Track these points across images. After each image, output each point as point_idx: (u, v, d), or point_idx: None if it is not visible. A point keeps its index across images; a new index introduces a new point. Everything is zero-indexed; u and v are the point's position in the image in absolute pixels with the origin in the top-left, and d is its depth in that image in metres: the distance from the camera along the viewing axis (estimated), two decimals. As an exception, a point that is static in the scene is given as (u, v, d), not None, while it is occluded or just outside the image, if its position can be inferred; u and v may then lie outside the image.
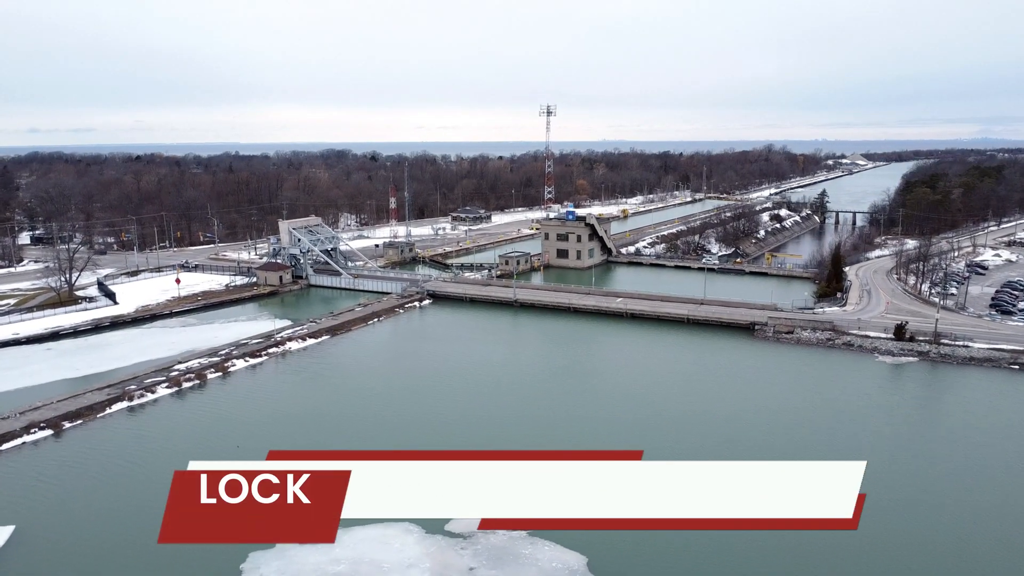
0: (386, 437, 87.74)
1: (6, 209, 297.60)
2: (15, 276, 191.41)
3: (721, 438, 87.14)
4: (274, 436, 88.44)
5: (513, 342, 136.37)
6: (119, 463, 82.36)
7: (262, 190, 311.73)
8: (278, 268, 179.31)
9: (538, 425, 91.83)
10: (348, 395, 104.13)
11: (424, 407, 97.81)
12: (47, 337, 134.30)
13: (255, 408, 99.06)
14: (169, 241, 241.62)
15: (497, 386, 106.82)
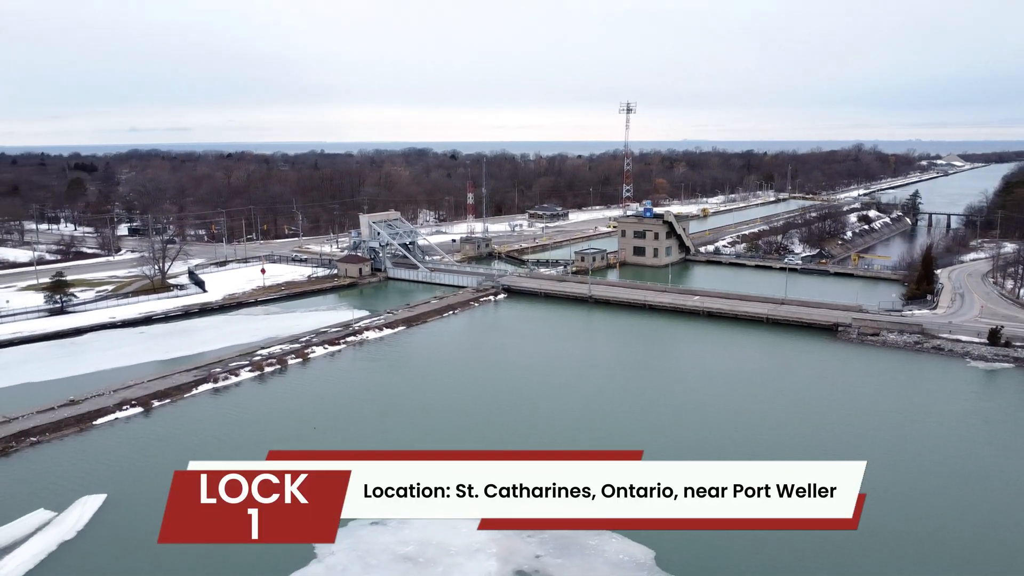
0: (455, 426, 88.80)
1: (107, 202, 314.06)
2: (113, 264, 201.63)
3: (804, 440, 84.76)
4: (349, 421, 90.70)
5: (586, 337, 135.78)
6: (203, 439, 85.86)
7: (344, 186, 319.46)
8: (358, 260, 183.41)
9: (608, 421, 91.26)
10: (420, 384, 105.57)
11: (494, 398, 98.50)
12: (140, 321, 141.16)
13: (332, 393, 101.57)
14: (256, 233, 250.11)
15: (569, 380, 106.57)
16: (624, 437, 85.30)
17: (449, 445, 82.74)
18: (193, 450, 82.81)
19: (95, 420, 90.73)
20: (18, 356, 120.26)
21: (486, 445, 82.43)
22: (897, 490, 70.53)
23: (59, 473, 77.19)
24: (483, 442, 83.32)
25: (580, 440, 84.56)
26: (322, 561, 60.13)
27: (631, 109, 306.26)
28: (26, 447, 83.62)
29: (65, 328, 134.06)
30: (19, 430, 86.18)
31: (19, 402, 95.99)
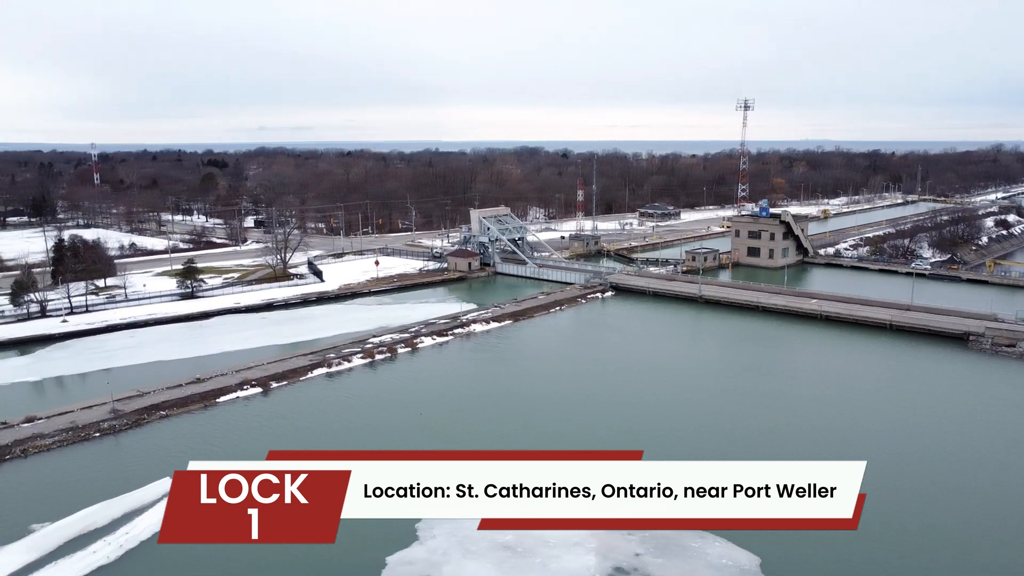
0: (555, 418, 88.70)
1: (235, 196, 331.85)
2: (240, 254, 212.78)
3: (943, 457, 79.92)
4: (453, 410, 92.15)
5: (694, 337, 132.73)
6: (317, 420, 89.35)
7: (457, 183, 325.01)
8: (467, 255, 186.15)
9: (716, 425, 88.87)
10: (524, 376, 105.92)
11: (597, 395, 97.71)
12: (262, 307, 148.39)
13: (439, 382, 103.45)
14: (371, 227, 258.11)
15: (675, 379, 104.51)
16: (735, 443, 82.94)
17: (546, 437, 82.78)
18: (306, 431, 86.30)
19: (218, 398, 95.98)
20: (152, 336, 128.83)
21: (586, 440, 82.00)
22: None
23: (185, 445, 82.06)
24: (582, 437, 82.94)
25: (684, 443, 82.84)
26: (423, 544, 61.32)
27: (748, 106, 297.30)
28: (156, 419, 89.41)
29: (194, 312, 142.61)
30: (151, 404, 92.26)
31: (151, 378, 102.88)
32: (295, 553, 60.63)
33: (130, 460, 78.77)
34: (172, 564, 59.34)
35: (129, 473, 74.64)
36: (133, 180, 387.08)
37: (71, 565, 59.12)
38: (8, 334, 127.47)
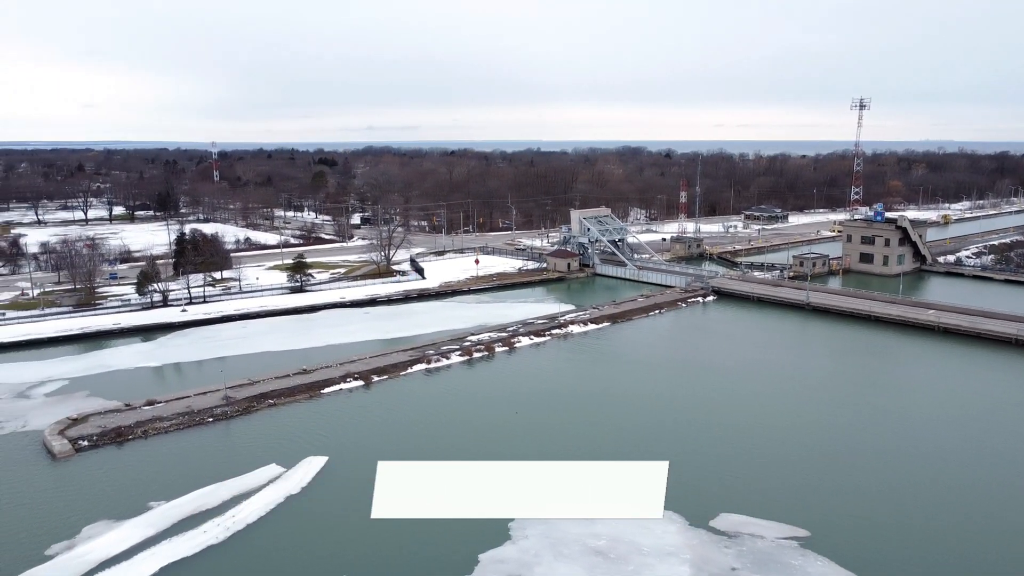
0: (647, 426, 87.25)
1: (343, 193, 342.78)
2: (346, 250, 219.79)
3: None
4: (547, 410, 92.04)
5: (799, 347, 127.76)
6: (416, 415, 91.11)
7: (558, 183, 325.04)
8: (567, 255, 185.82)
9: (818, 443, 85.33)
10: (621, 379, 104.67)
11: (692, 400, 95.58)
12: (366, 303, 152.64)
13: (535, 382, 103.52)
14: (472, 226, 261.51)
15: (775, 389, 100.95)
16: (840, 463, 79.47)
17: (640, 442, 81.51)
18: (405, 426, 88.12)
19: (323, 389, 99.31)
20: (263, 327, 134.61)
21: (676, 446, 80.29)
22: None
23: (290, 433, 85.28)
24: (675, 444, 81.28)
25: (788, 457, 79.90)
26: (516, 543, 61.52)
27: (864, 105, 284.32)
28: (265, 407, 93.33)
29: (302, 305, 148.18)
30: (260, 392, 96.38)
31: (261, 368, 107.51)
32: (392, 545, 62.01)
33: (239, 446, 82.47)
34: (276, 548, 61.73)
35: (238, 458, 78.22)
36: (249, 177, 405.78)
37: (184, 543, 62.38)
38: (133, 321, 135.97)
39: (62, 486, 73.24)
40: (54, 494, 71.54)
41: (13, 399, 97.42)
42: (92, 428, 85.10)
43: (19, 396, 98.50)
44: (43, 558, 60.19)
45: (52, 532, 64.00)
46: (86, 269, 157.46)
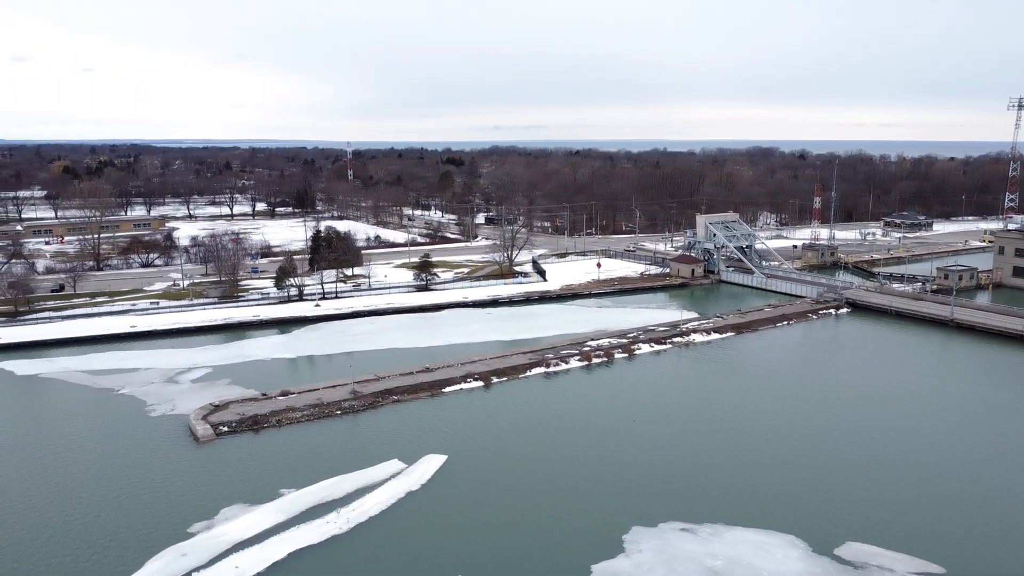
0: (769, 446, 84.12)
1: (469, 193, 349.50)
2: (470, 249, 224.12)
3: None
4: (664, 421, 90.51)
5: (942, 367, 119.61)
6: (533, 417, 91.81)
7: (683, 185, 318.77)
8: (691, 261, 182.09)
9: (961, 477, 79.64)
10: (743, 393, 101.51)
11: (818, 420, 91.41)
12: (488, 303, 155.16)
13: (654, 391, 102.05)
14: (595, 228, 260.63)
15: (909, 412, 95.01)
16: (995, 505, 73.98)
17: (761, 464, 78.64)
18: (522, 428, 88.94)
19: (444, 388, 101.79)
20: (390, 324, 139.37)
21: (798, 466, 76.90)
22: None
23: (412, 430, 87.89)
24: (793, 462, 77.97)
25: (931, 493, 75.09)
26: (629, 557, 60.90)
27: (1023, 104, 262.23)
28: (389, 403, 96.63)
29: (427, 304, 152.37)
30: (385, 388, 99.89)
31: (387, 364, 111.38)
32: (506, 548, 62.77)
33: (365, 439, 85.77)
34: (395, 542, 63.76)
35: (362, 452, 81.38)
36: (380, 176, 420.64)
37: (310, 531, 65.54)
38: (271, 314, 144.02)
39: (203, 468, 78.54)
40: (196, 476, 76.83)
41: (164, 383, 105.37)
42: (231, 415, 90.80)
43: (169, 381, 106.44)
44: (185, 535, 64.77)
45: (194, 511, 68.75)
46: (231, 263, 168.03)
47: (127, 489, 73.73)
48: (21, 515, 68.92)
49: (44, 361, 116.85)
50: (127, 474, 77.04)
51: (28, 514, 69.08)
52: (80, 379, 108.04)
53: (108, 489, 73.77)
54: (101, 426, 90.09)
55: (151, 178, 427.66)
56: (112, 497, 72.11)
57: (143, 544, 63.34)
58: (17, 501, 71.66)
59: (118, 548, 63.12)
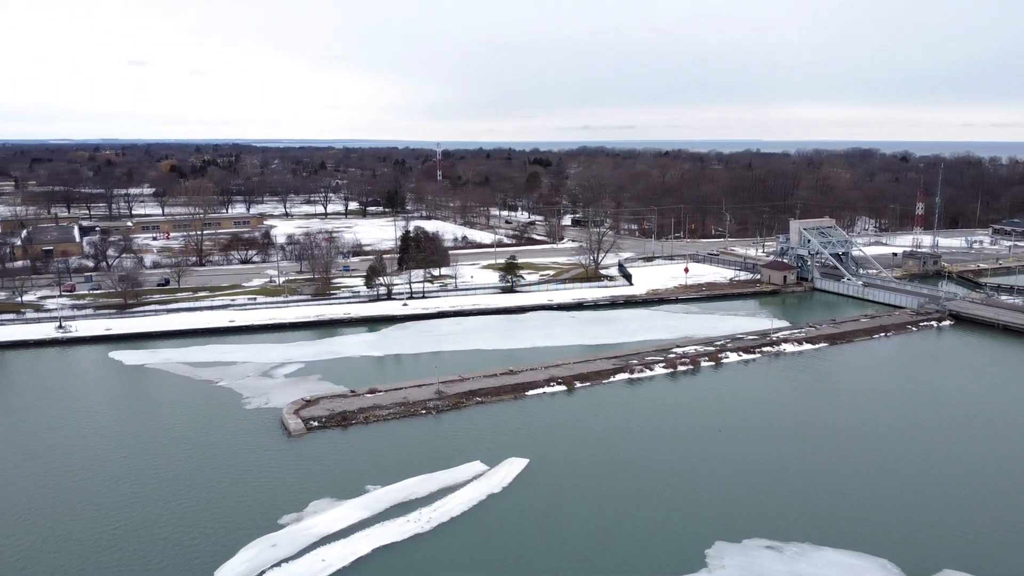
0: (863, 466, 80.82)
1: (556, 194, 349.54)
2: (556, 251, 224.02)
3: None
4: (752, 430, 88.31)
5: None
6: (615, 423, 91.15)
7: (777, 188, 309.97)
8: (783, 267, 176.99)
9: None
10: (831, 406, 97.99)
11: (914, 439, 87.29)
12: (573, 306, 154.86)
13: (740, 401, 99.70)
14: (683, 232, 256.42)
15: (1022, 434, 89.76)
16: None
17: (852, 477, 75.63)
18: (605, 435, 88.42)
19: (527, 391, 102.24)
20: (475, 325, 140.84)
21: (893, 485, 73.62)
22: None
23: (494, 432, 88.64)
24: (887, 481, 74.64)
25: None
26: (712, 573, 59.70)
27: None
28: (472, 405, 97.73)
29: (512, 305, 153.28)
30: (469, 389, 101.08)
31: (472, 365, 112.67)
32: (585, 556, 62.53)
33: (448, 440, 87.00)
34: (476, 544, 64.48)
35: (445, 452, 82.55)
36: (469, 176, 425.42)
37: (393, 528, 66.97)
38: (361, 312, 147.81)
39: (294, 462, 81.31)
40: (287, 468, 79.62)
41: (259, 377, 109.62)
42: (322, 410, 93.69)
43: (264, 375, 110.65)
44: (276, 526, 67.24)
45: (284, 503, 71.29)
46: (324, 261, 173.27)
47: (224, 478, 77.10)
48: (127, 498, 73.00)
49: (149, 352, 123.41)
50: (224, 464, 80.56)
51: (133, 497, 73.11)
52: (182, 371, 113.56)
53: (207, 477, 77.34)
54: (200, 417, 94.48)
55: (251, 177, 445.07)
56: (210, 485, 75.54)
57: (237, 532, 66.12)
58: (124, 484, 75.92)
59: (214, 534, 66.11)
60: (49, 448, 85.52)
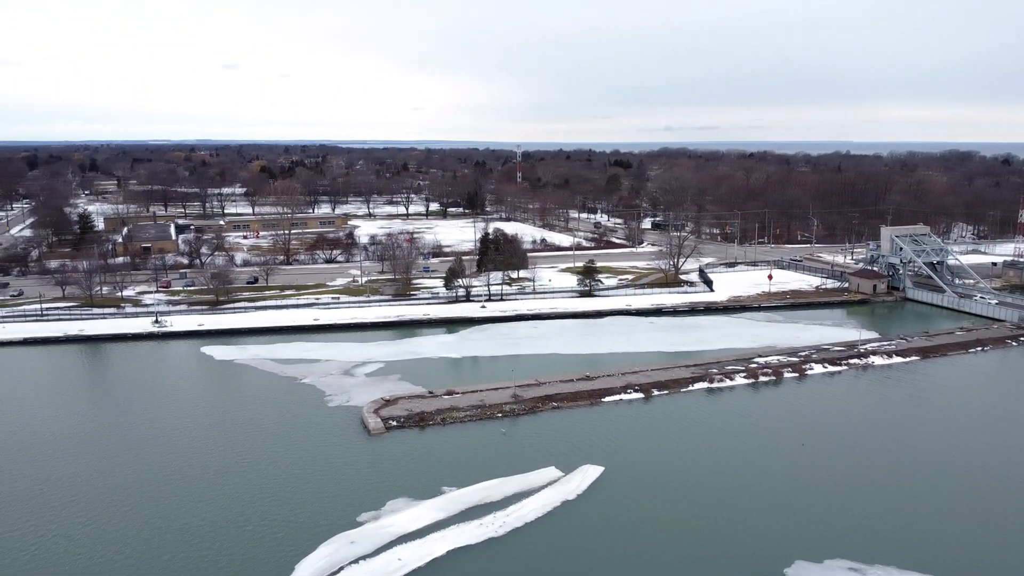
0: (952, 486, 77.04)
1: (636, 197, 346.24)
2: (635, 255, 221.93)
3: None
4: (837, 446, 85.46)
5: None
6: (694, 433, 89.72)
7: (867, 192, 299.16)
8: (873, 276, 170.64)
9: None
10: (923, 424, 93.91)
11: (1017, 463, 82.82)
12: (651, 312, 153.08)
13: (825, 414, 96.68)
14: (767, 237, 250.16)
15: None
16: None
17: (945, 503, 72.29)
18: (683, 444, 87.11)
19: (603, 397, 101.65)
20: (552, 328, 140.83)
21: (992, 512, 70.02)
22: None
23: (569, 438, 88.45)
24: (983, 508, 70.90)
25: None
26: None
27: None
28: (548, 409, 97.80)
29: (589, 310, 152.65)
30: (545, 394, 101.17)
31: (548, 369, 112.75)
32: (659, 570, 61.84)
33: (523, 444, 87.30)
34: (549, 551, 64.51)
35: (521, 456, 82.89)
36: (548, 178, 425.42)
37: (468, 531, 67.63)
38: (440, 313, 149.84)
39: (373, 460, 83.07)
40: (366, 467, 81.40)
41: (341, 376, 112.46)
42: (400, 410, 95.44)
43: (346, 374, 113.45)
44: (354, 524, 68.86)
45: (362, 501, 72.93)
46: (405, 262, 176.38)
47: (306, 474, 79.44)
48: (216, 490, 76.04)
49: (238, 348, 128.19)
50: (307, 460, 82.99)
51: (222, 489, 76.11)
52: (269, 367, 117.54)
53: (291, 472, 79.86)
54: (286, 413, 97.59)
55: (336, 177, 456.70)
56: (293, 480, 77.96)
57: (318, 527, 68.03)
58: (214, 476, 79.13)
59: (296, 528, 68.22)
60: (145, 440, 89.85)
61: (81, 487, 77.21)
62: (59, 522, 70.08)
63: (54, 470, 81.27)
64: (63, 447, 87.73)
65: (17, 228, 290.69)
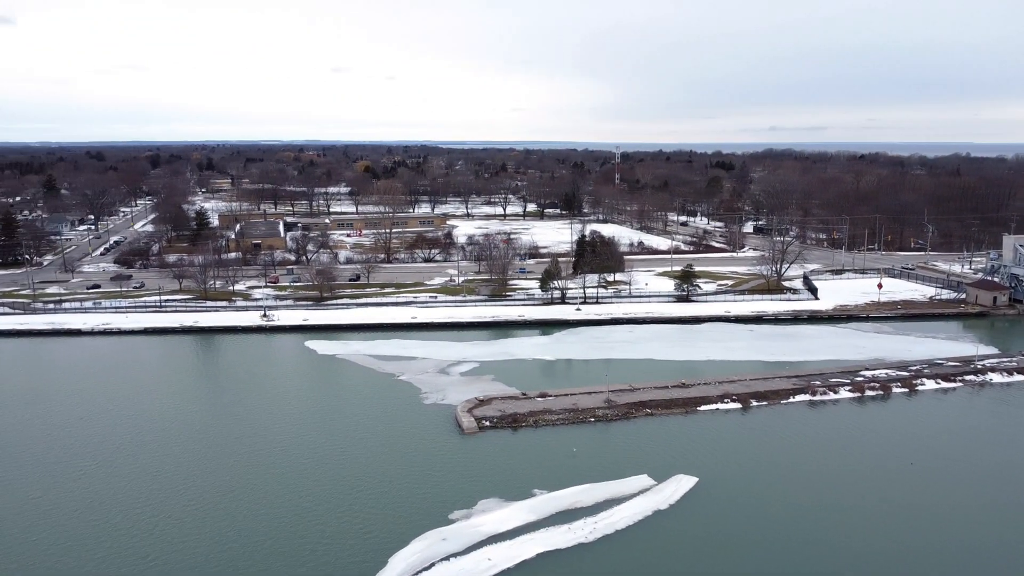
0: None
1: (738, 200, 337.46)
2: (735, 260, 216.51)
3: None
4: (948, 468, 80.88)
5: None
6: (793, 447, 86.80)
7: (988, 198, 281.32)
8: (993, 287, 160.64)
9: None
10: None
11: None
12: (751, 319, 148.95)
13: (936, 431, 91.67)
14: (878, 244, 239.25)
15: None
16: None
17: None
18: (782, 458, 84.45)
19: (699, 406, 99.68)
20: (647, 333, 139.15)
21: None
22: None
23: (663, 446, 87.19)
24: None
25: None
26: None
27: None
28: (642, 416, 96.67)
29: (686, 315, 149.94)
30: (639, 400, 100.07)
31: (642, 374, 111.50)
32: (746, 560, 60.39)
33: (616, 450, 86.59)
34: (639, 561, 63.78)
35: (613, 462, 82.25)
36: (647, 180, 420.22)
37: (558, 535, 67.63)
38: (535, 315, 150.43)
39: (466, 459, 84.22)
40: (459, 465, 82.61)
41: (437, 374, 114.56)
42: (493, 411, 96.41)
43: (441, 372, 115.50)
44: (446, 521, 70.02)
45: (455, 499, 74.06)
46: (501, 263, 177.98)
47: (401, 469, 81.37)
48: (315, 482, 78.87)
49: (340, 343, 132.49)
50: (402, 456, 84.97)
51: (320, 481, 78.88)
52: (368, 363, 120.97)
53: (387, 467, 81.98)
54: (383, 408, 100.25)
55: (436, 178, 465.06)
56: (388, 474, 79.98)
57: (410, 522, 69.53)
58: (314, 469, 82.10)
59: (390, 522, 69.97)
60: (253, 430, 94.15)
61: (193, 472, 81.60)
62: (171, 504, 74.19)
63: (168, 455, 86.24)
64: (176, 432, 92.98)
65: (141, 223, 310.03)
